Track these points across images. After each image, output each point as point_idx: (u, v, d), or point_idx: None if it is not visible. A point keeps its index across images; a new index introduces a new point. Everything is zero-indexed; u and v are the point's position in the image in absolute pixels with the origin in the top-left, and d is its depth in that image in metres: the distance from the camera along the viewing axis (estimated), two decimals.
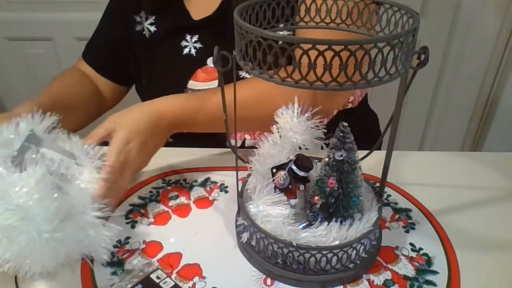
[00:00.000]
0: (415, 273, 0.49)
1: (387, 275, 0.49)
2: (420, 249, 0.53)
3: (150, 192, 0.62)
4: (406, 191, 0.62)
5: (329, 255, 0.46)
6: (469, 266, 0.50)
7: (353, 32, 0.49)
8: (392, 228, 0.56)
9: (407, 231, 0.55)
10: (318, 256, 0.46)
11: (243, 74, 0.72)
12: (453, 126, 1.54)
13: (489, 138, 1.49)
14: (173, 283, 0.46)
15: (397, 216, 0.58)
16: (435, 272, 0.49)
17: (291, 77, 0.35)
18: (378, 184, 0.64)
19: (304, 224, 0.49)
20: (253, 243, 0.50)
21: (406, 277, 0.49)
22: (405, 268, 0.50)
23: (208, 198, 0.60)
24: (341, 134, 0.45)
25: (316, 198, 0.48)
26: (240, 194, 0.52)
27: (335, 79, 0.34)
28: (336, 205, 0.47)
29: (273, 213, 0.48)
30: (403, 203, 0.60)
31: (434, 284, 0.48)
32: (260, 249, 0.49)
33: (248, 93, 0.62)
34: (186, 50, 0.75)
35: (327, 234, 0.46)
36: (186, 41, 0.75)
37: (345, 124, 0.45)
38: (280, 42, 0.34)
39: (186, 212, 0.58)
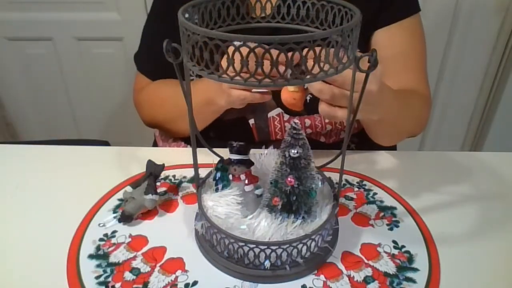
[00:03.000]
0: (396, 270, 0.50)
1: (368, 271, 0.49)
2: (403, 246, 0.53)
3: None
4: (392, 189, 0.63)
5: (256, 250, 0.46)
6: (450, 264, 0.50)
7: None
8: (376, 226, 0.56)
9: (391, 229, 0.56)
10: (245, 249, 0.46)
11: None
12: (453, 126, 1.53)
13: (489, 138, 1.49)
14: None
15: (381, 214, 0.58)
16: (415, 270, 0.50)
17: (239, 76, 0.36)
18: (359, 182, 0.65)
19: (250, 217, 0.50)
20: (204, 231, 0.50)
21: (386, 274, 0.49)
22: (386, 265, 0.50)
23: (195, 194, 0.61)
24: (294, 131, 0.45)
25: (276, 199, 0.48)
26: (201, 184, 0.54)
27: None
28: (298, 201, 0.48)
29: (222, 202, 0.49)
30: (389, 201, 0.61)
31: (414, 281, 0.48)
32: (207, 238, 0.50)
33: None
34: None
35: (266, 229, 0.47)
36: None
37: (297, 121, 0.45)
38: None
39: (173, 207, 0.59)
